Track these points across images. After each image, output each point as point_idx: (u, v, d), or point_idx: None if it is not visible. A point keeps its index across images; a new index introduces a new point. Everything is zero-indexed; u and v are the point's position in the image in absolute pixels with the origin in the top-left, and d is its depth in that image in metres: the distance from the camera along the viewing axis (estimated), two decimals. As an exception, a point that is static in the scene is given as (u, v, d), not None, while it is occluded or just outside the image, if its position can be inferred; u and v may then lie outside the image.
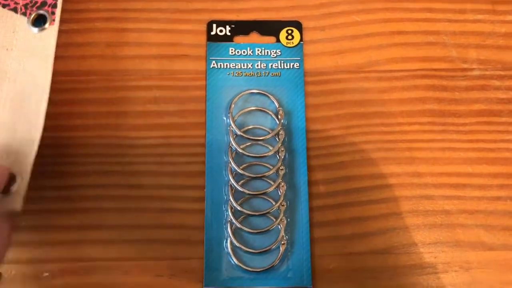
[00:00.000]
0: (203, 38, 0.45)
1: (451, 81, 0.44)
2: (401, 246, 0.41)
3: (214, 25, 0.45)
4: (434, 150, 0.43)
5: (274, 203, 0.40)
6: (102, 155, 0.42)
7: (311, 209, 0.41)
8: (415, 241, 0.41)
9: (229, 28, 0.45)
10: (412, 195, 0.42)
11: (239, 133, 0.41)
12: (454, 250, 0.41)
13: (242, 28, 0.45)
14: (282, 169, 0.41)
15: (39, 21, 0.41)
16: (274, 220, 0.40)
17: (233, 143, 0.41)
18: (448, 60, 0.45)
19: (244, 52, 0.44)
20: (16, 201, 0.37)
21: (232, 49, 0.44)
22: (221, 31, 0.45)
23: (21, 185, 0.37)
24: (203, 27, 0.45)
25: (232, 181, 0.40)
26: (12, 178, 0.37)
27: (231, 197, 0.40)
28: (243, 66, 0.44)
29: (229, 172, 0.40)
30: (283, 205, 0.40)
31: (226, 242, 0.39)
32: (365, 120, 0.43)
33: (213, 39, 0.44)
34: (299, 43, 0.45)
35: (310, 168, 0.42)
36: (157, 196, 0.41)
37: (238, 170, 0.40)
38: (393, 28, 0.45)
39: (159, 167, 0.42)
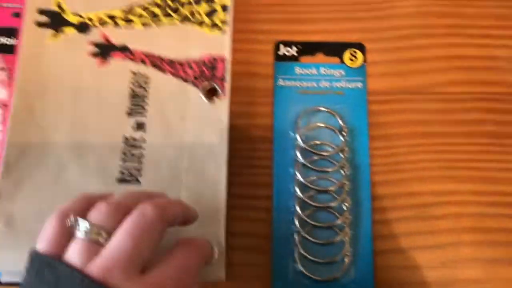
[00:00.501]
0: (271, 58, 0.47)
1: (509, 104, 0.46)
2: (462, 261, 0.42)
3: (282, 46, 0.47)
4: (493, 170, 0.44)
5: (338, 216, 0.42)
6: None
7: (373, 223, 0.42)
8: (476, 257, 0.42)
9: (296, 49, 0.47)
10: (472, 212, 0.43)
11: (305, 147, 0.43)
12: (515, 268, 0.42)
13: (308, 49, 0.47)
14: (346, 184, 0.43)
15: (211, 93, 0.44)
16: (339, 232, 0.41)
17: (299, 157, 0.43)
18: (506, 85, 0.46)
19: (309, 71, 0.47)
20: (220, 270, 0.39)
21: (298, 69, 0.47)
22: (288, 51, 0.47)
23: (219, 254, 0.39)
24: (272, 47, 0.47)
25: (299, 193, 0.42)
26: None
27: (298, 209, 0.42)
28: (309, 84, 0.46)
29: (295, 185, 0.42)
30: (347, 219, 0.42)
31: (293, 251, 0.41)
32: (427, 139, 0.45)
33: (280, 59, 0.47)
34: (362, 64, 0.47)
35: (372, 184, 0.43)
36: (227, 205, 0.43)
37: (305, 183, 0.42)
38: (454, 52, 0.47)
39: (228, 177, 0.44)
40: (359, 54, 0.47)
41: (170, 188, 0.40)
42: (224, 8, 0.46)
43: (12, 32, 0.45)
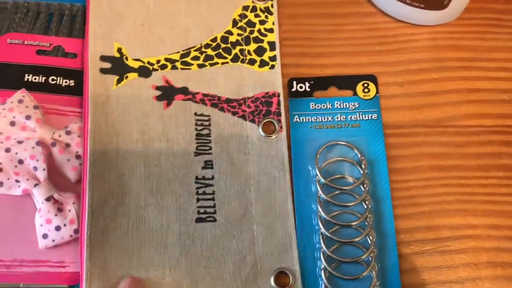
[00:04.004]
0: (285, 91, 0.47)
1: (525, 137, 0.46)
2: (481, 296, 0.42)
3: (294, 82, 0.47)
4: (510, 203, 0.44)
5: (364, 250, 0.42)
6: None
7: (399, 256, 0.42)
8: (494, 291, 0.42)
9: (308, 84, 0.47)
10: (490, 246, 0.43)
11: (326, 182, 0.43)
12: (534, 302, 0.42)
13: (320, 83, 0.47)
14: (370, 217, 0.42)
15: (268, 128, 0.45)
16: (365, 266, 0.41)
17: (321, 193, 0.43)
18: (522, 118, 0.47)
19: (324, 106, 0.47)
20: None
21: (312, 104, 0.47)
22: (301, 87, 0.47)
23: (296, 282, 0.40)
24: (285, 81, 0.47)
25: (323, 229, 0.42)
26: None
27: (323, 245, 0.42)
28: (324, 119, 0.46)
29: (319, 220, 0.42)
30: (373, 252, 0.42)
31: (321, 287, 0.41)
32: (443, 173, 0.45)
33: (293, 95, 0.47)
34: (375, 95, 0.47)
35: (394, 217, 0.43)
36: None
37: (328, 219, 0.42)
38: (469, 85, 0.48)
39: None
40: (371, 86, 0.47)
41: (243, 223, 0.42)
42: (271, 44, 0.46)
43: (37, 70, 0.45)
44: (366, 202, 0.43)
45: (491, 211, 0.44)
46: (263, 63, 0.47)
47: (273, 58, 0.47)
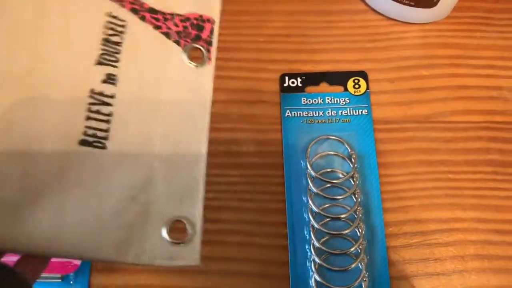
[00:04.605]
0: (278, 86, 0.48)
1: (512, 133, 0.47)
2: (468, 288, 0.43)
3: (286, 78, 0.48)
4: (497, 198, 0.45)
5: (353, 242, 0.42)
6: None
7: (388, 248, 0.43)
8: (480, 284, 0.43)
9: (300, 80, 0.48)
10: (477, 239, 0.44)
11: (316, 176, 0.44)
12: (519, 294, 0.43)
13: (312, 79, 0.48)
14: (359, 210, 0.43)
15: (194, 55, 0.37)
16: (354, 258, 0.42)
17: (311, 186, 0.44)
18: (509, 114, 0.48)
19: (315, 101, 0.47)
20: (194, 254, 0.33)
21: (304, 99, 0.48)
22: (293, 82, 0.48)
23: (195, 237, 0.33)
24: (278, 76, 0.48)
25: (313, 221, 0.43)
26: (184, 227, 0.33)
27: (313, 237, 0.42)
28: (315, 114, 0.47)
29: (309, 213, 0.43)
30: (362, 244, 0.42)
31: (311, 278, 0.42)
32: (432, 167, 0.46)
33: (286, 90, 0.48)
34: (365, 91, 0.48)
35: (383, 210, 0.44)
36: (238, 231, 0.44)
37: (318, 212, 0.43)
38: (458, 82, 0.49)
39: (240, 203, 0.45)
40: (362, 82, 0.48)
41: (141, 157, 0.34)
42: None
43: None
44: (356, 196, 0.44)
45: (478, 205, 0.45)
46: None
47: None
